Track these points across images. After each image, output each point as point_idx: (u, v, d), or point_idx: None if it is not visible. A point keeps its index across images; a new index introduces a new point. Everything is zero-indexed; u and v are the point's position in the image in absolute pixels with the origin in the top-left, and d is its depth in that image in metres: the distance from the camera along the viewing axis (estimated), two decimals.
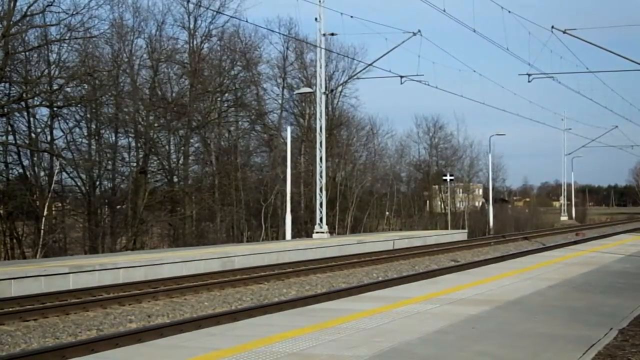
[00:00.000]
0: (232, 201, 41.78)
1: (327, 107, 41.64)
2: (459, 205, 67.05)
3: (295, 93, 44.47)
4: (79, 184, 36.48)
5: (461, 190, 68.03)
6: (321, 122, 36.24)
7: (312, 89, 38.91)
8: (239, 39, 44.72)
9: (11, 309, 14.25)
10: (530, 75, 31.30)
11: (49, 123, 34.35)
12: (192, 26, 42.16)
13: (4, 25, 30.40)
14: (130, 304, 15.49)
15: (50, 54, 34.08)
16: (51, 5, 31.80)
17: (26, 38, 33.22)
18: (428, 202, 67.75)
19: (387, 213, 57.19)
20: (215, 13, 41.30)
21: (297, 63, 48.51)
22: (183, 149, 41.54)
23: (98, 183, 37.04)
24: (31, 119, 33.89)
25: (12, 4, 30.66)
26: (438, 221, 59.96)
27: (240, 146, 44.62)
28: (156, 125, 40.06)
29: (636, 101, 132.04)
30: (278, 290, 18.16)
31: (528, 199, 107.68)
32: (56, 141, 34.91)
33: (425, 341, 8.39)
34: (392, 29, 58.81)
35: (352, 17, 29.79)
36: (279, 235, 41.22)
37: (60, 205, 36.42)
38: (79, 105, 35.47)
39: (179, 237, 38.98)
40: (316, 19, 35.35)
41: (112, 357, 8.31)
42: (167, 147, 41.52)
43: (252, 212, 42.90)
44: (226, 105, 45.24)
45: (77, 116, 35.96)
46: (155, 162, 41.01)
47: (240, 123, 46.28)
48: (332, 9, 35.13)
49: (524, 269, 17.18)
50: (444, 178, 54.73)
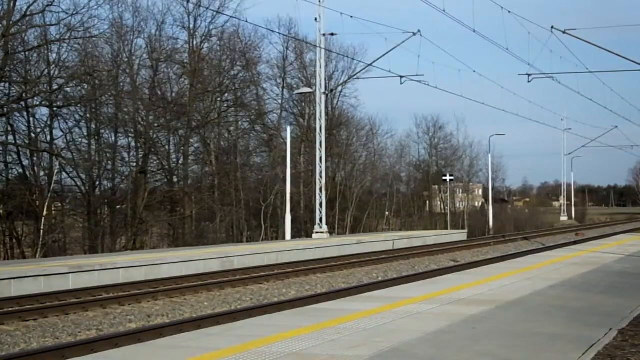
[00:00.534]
0: (232, 201, 41.77)
1: (327, 107, 41.64)
2: (458, 205, 67.07)
3: (295, 93, 44.49)
4: (78, 184, 36.51)
5: (461, 191, 68.04)
6: (321, 122, 36.23)
7: (311, 89, 38.90)
8: (238, 39, 44.77)
9: (11, 309, 14.24)
10: (530, 75, 31.25)
11: (49, 123, 34.39)
12: (192, 26, 42.21)
13: (3, 25, 30.40)
14: (129, 304, 15.48)
15: (50, 53, 34.15)
16: (51, 5, 31.85)
17: (26, 38, 33.27)
18: (428, 202, 67.76)
19: (387, 213, 57.19)
20: (215, 13, 41.34)
21: (297, 63, 48.58)
22: (183, 149, 41.54)
23: (98, 183, 37.04)
24: (31, 119, 33.95)
25: (12, 4, 30.69)
26: (438, 221, 59.99)
27: (240, 146, 44.63)
28: (156, 125, 40.06)
29: (636, 101, 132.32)
30: (278, 291, 18.15)
31: (528, 199, 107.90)
32: (56, 141, 34.96)
33: (425, 341, 8.38)
34: (392, 29, 58.89)
35: (352, 17, 29.79)
36: (278, 235, 41.22)
37: (60, 205, 36.43)
38: (79, 105, 35.48)
39: (178, 237, 38.99)
40: (316, 19, 35.37)
41: (112, 357, 8.30)
42: (166, 147, 41.53)
43: (251, 212, 42.90)
44: (226, 105, 45.24)
45: (77, 116, 36.01)
46: (155, 162, 41.02)
47: (240, 123, 46.31)
48: (332, 9, 35.09)
49: (524, 269, 17.18)
50: (444, 178, 54.73)
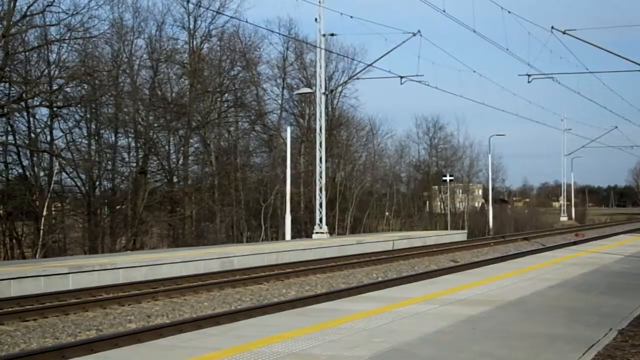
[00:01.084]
0: (232, 201, 41.78)
1: (326, 108, 41.65)
2: (458, 205, 67.07)
3: (295, 93, 44.49)
4: (78, 184, 36.53)
5: (461, 191, 68.06)
6: (321, 123, 36.24)
7: (311, 89, 38.91)
8: (238, 39, 44.81)
9: (11, 309, 14.23)
10: (530, 75, 31.27)
11: (49, 123, 34.39)
12: (192, 26, 42.25)
13: (3, 25, 30.40)
14: (129, 304, 15.47)
15: (50, 54, 34.17)
16: (51, 5, 31.87)
17: (26, 38, 33.29)
18: (428, 202, 67.77)
19: (387, 213, 57.19)
20: (215, 13, 41.40)
21: (297, 63, 48.60)
22: (183, 149, 41.55)
23: (98, 183, 37.05)
24: (31, 119, 33.97)
25: (12, 4, 30.69)
26: (438, 221, 59.99)
27: (240, 146, 44.64)
28: (156, 125, 40.07)
29: (636, 102, 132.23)
30: (277, 291, 18.15)
31: (528, 200, 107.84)
32: (56, 141, 34.97)
33: (425, 341, 8.38)
34: (392, 29, 58.92)
35: (352, 17, 29.83)
36: (278, 236, 41.22)
37: (59, 205, 36.42)
38: (79, 106, 35.49)
39: (178, 238, 39.00)
40: (316, 20, 35.39)
41: (112, 357, 8.30)
42: (166, 147, 41.56)
43: (251, 213, 42.90)
44: (226, 106, 45.27)
45: (77, 116, 36.02)
46: (155, 163, 41.05)
47: (240, 123, 46.35)
48: (331, 9, 35.17)
49: (524, 270, 17.18)
50: (444, 178, 54.73)
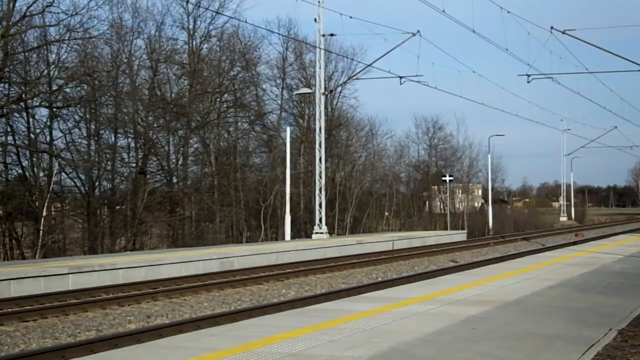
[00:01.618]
0: (232, 202, 41.78)
1: (326, 108, 41.64)
2: (458, 205, 67.05)
3: (294, 94, 44.48)
4: (78, 184, 36.52)
5: (460, 191, 68.04)
6: (320, 123, 36.23)
7: (311, 89, 38.91)
8: (238, 39, 44.80)
9: (10, 310, 14.23)
10: (529, 75, 31.27)
11: (48, 123, 34.39)
12: (191, 27, 42.22)
13: (3, 26, 30.39)
14: (129, 305, 15.47)
15: (49, 54, 34.15)
16: (50, 5, 31.82)
17: (25, 38, 33.28)
18: (427, 202, 67.76)
19: (387, 213, 57.18)
20: (215, 14, 41.38)
21: (297, 64, 48.58)
22: (182, 149, 41.54)
23: (97, 183, 37.04)
24: (30, 120, 33.94)
25: (11, 5, 30.68)
26: (437, 222, 59.97)
27: (240, 147, 44.64)
28: (155, 125, 40.06)
29: (635, 102, 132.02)
30: (277, 291, 18.15)
31: (527, 200, 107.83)
32: (55, 142, 34.96)
33: (424, 342, 8.38)
34: (392, 30, 59.04)
35: (351, 17, 29.85)
36: (278, 236, 41.21)
37: (59, 205, 36.41)
38: (78, 106, 35.46)
39: (178, 238, 38.98)
40: (315, 20, 35.39)
41: (112, 357, 8.30)
42: (166, 147, 41.55)
43: (251, 213, 42.90)
44: (225, 106, 45.25)
45: (77, 117, 36.00)
46: (155, 163, 41.04)
47: (240, 124, 46.33)
48: (331, 9, 35.26)
49: (524, 270, 17.18)
50: (443, 178, 54.72)
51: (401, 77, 34.57)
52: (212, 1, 41.43)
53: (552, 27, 26.29)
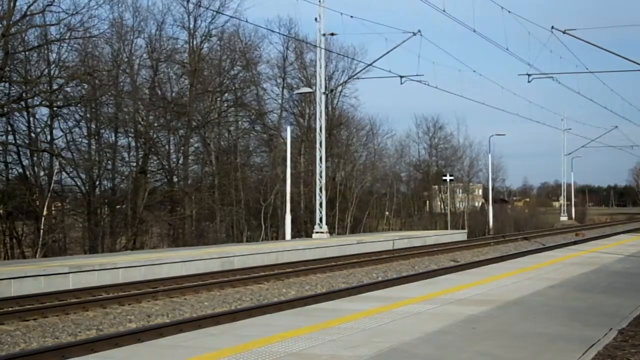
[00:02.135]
0: (232, 201, 41.78)
1: (326, 107, 41.64)
2: (458, 205, 67.09)
3: (295, 93, 44.48)
4: (78, 183, 36.50)
5: (461, 191, 68.07)
6: (321, 122, 36.23)
7: (311, 89, 38.90)
8: (238, 38, 44.80)
9: (11, 309, 14.24)
10: (530, 75, 31.26)
11: (49, 123, 34.38)
12: (191, 26, 42.22)
13: (3, 25, 30.39)
14: (129, 304, 15.48)
15: (50, 53, 34.15)
16: (51, 5, 31.87)
17: (26, 38, 33.27)
18: (428, 202, 67.77)
19: (387, 213, 57.20)
20: (215, 13, 41.36)
21: (297, 63, 48.58)
22: (183, 148, 41.55)
23: (98, 183, 37.04)
24: (31, 119, 33.94)
25: (12, 4, 30.67)
26: (438, 221, 59.99)
27: (240, 146, 44.64)
28: (156, 125, 40.07)
29: (636, 101, 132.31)
30: (278, 291, 18.15)
31: (528, 199, 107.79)
32: (56, 141, 34.96)
33: (425, 341, 8.38)
34: (392, 29, 58.94)
35: (352, 17, 29.83)
36: (278, 235, 41.22)
37: (59, 205, 36.42)
38: (79, 105, 35.48)
39: (178, 237, 38.99)
40: (316, 19, 35.35)
41: (112, 356, 8.30)
42: (166, 147, 41.55)
43: (251, 212, 42.90)
44: (226, 105, 45.26)
45: (77, 116, 36.01)
46: (155, 162, 41.04)
47: (240, 123, 46.33)
48: (332, 9, 35.12)
49: (524, 269, 17.18)
50: (444, 178, 54.72)
51: (402, 77, 34.56)
52: (212, 0, 41.49)
53: (552, 27, 26.30)
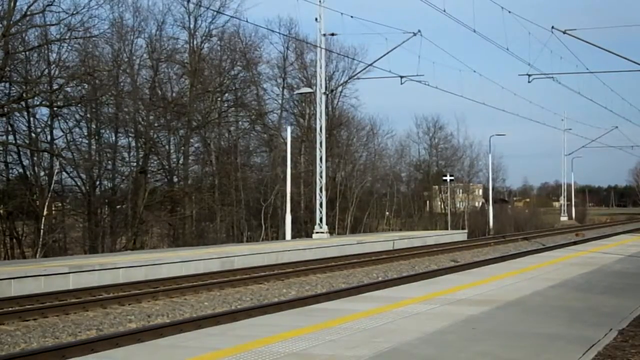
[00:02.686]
0: (232, 201, 41.78)
1: (327, 107, 41.65)
2: (458, 205, 67.04)
3: (295, 93, 44.49)
4: (79, 183, 36.50)
5: (461, 191, 68.02)
6: (321, 122, 36.24)
7: (312, 89, 38.91)
8: (239, 39, 44.80)
9: (11, 309, 14.24)
10: (530, 75, 31.26)
11: (49, 123, 34.39)
12: (192, 26, 42.22)
13: (4, 25, 30.39)
14: (130, 304, 15.48)
15: (50, 53, 34.12)
16: (51, 4, 31.83)
17: (26, 38, 33.25)
18: (428, 202, 67.75)
19: (387, 213, 57.19)
20: (216, 13, 41.37)
21: (297, 63, 48.59)
22: (183, 148, 41.55)
23: (98, 183, 37.03)
24: (31, 119, 33.93)
25: (12, 4, 30.67)
26: (438, 221, 59.97)
27: (240, 146, 44.63)
28: (156, 125, 40.07)
29: (636, 102, 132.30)
30: (278, 291, 18.15)
31: (528, 199, 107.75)
32: (56, 141, 34.96)
33: (425, 341, 8.38)
34: (392, 29, 58.99)
35: (352, 17, 29.85)
36: (278, 236, 41.22)
37: (60, 205, 36.42)
38: (79, 105, 35.47)
39: (178, 237, 38.99)
40: (316, 19, 35.38)
41: (112, 356, 8.30)
42: (167, 147, 41.55)
43: (252, 212, 42.90)
44: (226, 105, 45.27)
45: (77, 116, 36.01)
46: (155, 162, 41.03)
47: (240, 123, 46.34)
48: (332, 9, 35.13)
49: (524, 269, 17.18)
50: (444, 178, 54.70)
51: (402, 77, 34.59)
52: (213, 0, 41.49)
53: (553, 27, 26.28)
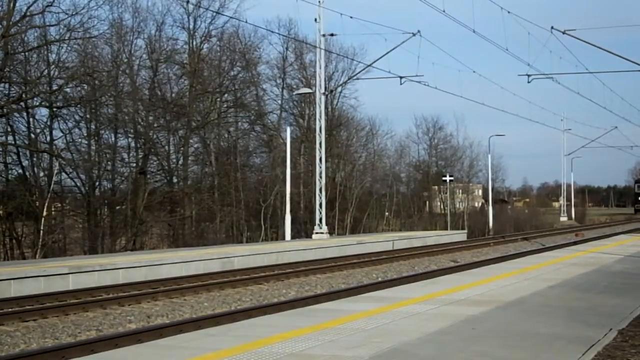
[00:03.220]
0: (232, 202, 41.78)
1: (326, 108, 41.64)
2: (458, 205, 67.05)
3: (294, 93, 44.50)
4: (78, 184, 36.53)
5: (461, 191, 68.04)
6: (321, 123, 36.23)
7: (311, 89, 38.92)
8: (238, 39, 44.83)
9: (11, 310, 14.24)
10: (529, 75, 31.30)
11: (49, 123, 34.41)
12: (191, 27, 42.26)
13: (3, 26, 30.39)
14: (129, 305, 15.48)
15: (49, 54, 34.17)
16: (51, 5, 31.84)
17: (26, 38, 33.30)
18: (427, 202, 67.75)
19: (387, 213, 57.17)
20: (215, 14, 41.40)
21: (297, 64, 48.61)
22: (182, 149, 41.55)
23: (97, 183, 37.05)
24: (31, 120, 33.96)
25: (11, 4, 30.69)
26: (437, 222, 59.97)
27: (240, 147, 44.64)
28: (156, 125, 40.07)
29: (636, 102, 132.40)
30: (278, 291, 18.15)
31: (528, 200, 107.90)
32: (56, 141, 34.98)
33: (425, 342, 8.38)
34: (392, 30, 59.03)
35: (351, 17, 29.90)
36: (278, 236, 41.23)
37: (59, 205, 36.41)
38: (79, 106, 35.48)
39: (178, 238, 38.98)
40: (316, 20, 35.37)
41: (112, 357, 8.30)
42: (166, 147, 41.54)
43: (251, 213, 42.90)
44: (226, 106, 45.27)
45: (77, 116, 36.02)
46: (155, 163, 41.04)
47: (240, 123, 46.36)
48: (331, 9, 35.26)
49: (524, 270, 17.17)
50: (444, 178, 54.71)
51: (401, 77, 34.58)
52: (212, 1, 41.54)
53: (552, 27, 26.33)
